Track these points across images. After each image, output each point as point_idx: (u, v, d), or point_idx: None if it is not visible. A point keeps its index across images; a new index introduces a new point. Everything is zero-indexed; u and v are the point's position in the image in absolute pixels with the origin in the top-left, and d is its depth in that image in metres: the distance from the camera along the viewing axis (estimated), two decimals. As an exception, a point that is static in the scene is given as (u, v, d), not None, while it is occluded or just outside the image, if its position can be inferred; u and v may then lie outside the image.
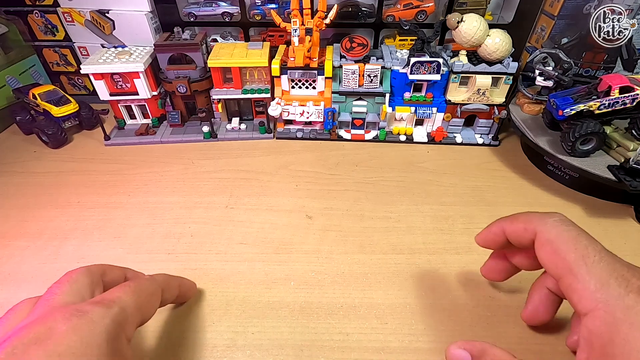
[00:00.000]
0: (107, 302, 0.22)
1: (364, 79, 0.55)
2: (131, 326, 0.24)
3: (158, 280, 0.29)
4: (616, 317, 0.20)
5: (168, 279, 0.31)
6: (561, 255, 0.24)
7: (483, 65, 0.52)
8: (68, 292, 0.23)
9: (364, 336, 0.32)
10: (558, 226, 0.25)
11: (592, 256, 0.23)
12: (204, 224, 0.44)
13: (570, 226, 0.25)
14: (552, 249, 0.24)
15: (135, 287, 0.25)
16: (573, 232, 0.25)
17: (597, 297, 0.21)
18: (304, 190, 0.49)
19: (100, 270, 0.26)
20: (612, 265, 0.22)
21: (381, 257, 0.40)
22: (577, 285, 0.22)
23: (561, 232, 0.25)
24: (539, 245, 0.26)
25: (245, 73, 0.58)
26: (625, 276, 0.22)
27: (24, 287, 0.37)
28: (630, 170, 0.41)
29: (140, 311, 0.25)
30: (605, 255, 0.23)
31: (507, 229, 0.29)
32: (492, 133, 0.58)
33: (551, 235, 0.25)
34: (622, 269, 0.22)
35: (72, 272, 0.25)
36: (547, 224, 0.26)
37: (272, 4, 0.61)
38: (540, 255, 0.25)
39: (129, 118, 0.63)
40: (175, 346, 0.32)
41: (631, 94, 0.42)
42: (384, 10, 0.60)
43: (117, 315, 0.22)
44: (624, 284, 0.21)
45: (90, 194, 0.49)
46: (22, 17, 0.62)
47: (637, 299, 0.20)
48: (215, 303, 0.35)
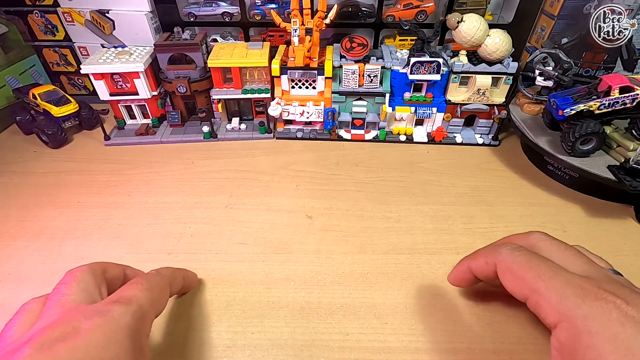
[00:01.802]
0: (126, 300, 0.23)
1: (364, 79, 0.55)
2: (149, 322, 0.25)
3: (166, 275, 0.29)
4: (577, 327, 0.21)
5: (173, 271, 0.32)
6: (520, 279, 0.25)
7: (483, 65, 0.52)
8: (76, 292, 0.23)
9: (364, 336, 0.32)
10: (511, 253, 0.27)
11: (546, 273, 0.24)
12: (204, 224, 0.44)
13: (522, 251, 0.27)
14: (512, 275, 0.26)
15: (148, 283, 0.26)
16: (525, 256, 0.26)
17: (560, 309, 0.22)
18: (304, 190, 0.49)
19: (101, 267, 0.27)
20: (567, 278, 0.23)
21: (381, 257, 0.40)
22: (541, 302, 0.24)
23: (515, 257, 0.26)
24: (500, 274, 0.27)
25: (245, 73, 0.58)
26: (581, 285, 0.22)
27: (24, 287, 0.37)
28: (630, 170, 0.41)
29: (154, 306, 0.26)
30: (558, 270, 0.24)
31: (471, 266, 0.30)
32: (492, 133, 0.58)
33: (508, 263, 0.26)
34: (575, 279, 0.23)
35: (75, 271, 0.25)
36: (501, 254, 0.27)
37: (272, 4, 0.61)
38: (505, 283, 0.27)
39: (129, 118, 0.63)
40: (175, 346, 0.32)
41: (631, 94, 0.42)
42: (384, 10, 0.60)
43: (136, 313, 0.23)
44: (580, 293, 0.22)
45: (90, 194, 0.49)
46: (22, 17, 0.62)
47: (592, 305, 0.21)
48: (215, 303, 0.35)
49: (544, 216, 0.45)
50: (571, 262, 0.25)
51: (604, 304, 0.21)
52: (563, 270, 0.24)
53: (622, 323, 0.20)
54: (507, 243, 0.28)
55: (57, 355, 0.19)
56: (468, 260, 0.31)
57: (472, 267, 0.30)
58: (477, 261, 0.30)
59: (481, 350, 0.31)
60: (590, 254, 0.28)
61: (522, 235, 0.30)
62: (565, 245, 0.27)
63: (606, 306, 0.21)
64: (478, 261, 0.29)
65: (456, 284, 0.33)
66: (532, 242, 0.28)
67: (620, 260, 0.39)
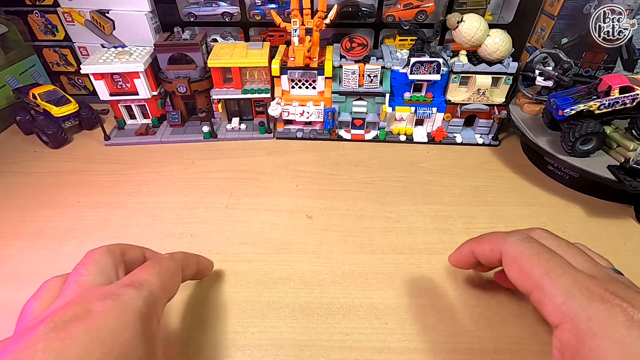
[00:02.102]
0: (138, 285, 0.23)
1: (364, 79, 0.55)
2: (160, 307, 0.25)
3: (178, 259, 0.29)
4: (581, 329, 0.21)
5: (187, 256, 0.31)
6: (527, 273, 0.25)
7: (483, 65, 0.52)
8: (94, 272, 0.24)
9: (364, 336, 0.32)
10: (520, 244, 0.26)
11: (554, 270, 0.23)
12: (204, 224, 0.44)
13: (532, 243, 0.26)
14: (518, 267, 0.25)
15: (159, 268, 0.26)
16: (535, 248, 0.25)
17: (564, 310, 0.22)
18: (304, 190, 0.49)
19: (120, 249, 0.27)
20: (575, 277, 0.23)
21: (381, 257, 0.40)
22: (545, 300, 0.23)
23: (523, 249, 0.26)
24: (506, 264, 0.27)
25: (245, 73, 0.58)
26: (588, 286, 0.22)
27: (24, 287, 0.37)
28: (630, 170, 0.41)
29: (166, 291, 0.26)
30: (567, 268, 0.24)
31: (475, 250, 0.30)
32: (492, 133, 0.58)
33: (515, 254, 0.26)
34: (584, 280, 0.23)
35: (93, 252, 0.26)
36: (509, 244, 0.26)
37: (272, 4, 0.61)
38: (509, 274, 0.26)
39: (129, 118, 0.63)
40: (175, 346, 0.32)
41: (631, 94, 0.42)
42: (384, 10, 0.60)
43: (148, 297, 0.23)
44: (587, 294, 0.22)
45: (90, 194, 0.49)
46: (22, 17, 0.62)
47: (598, 308, 0.21)
48: (215, 303, 0.35)
49: (544, 216, 0.45)
50: (574, 260, 0.25)
51: (610, 307, 0.21)
52: (572, 268, 0.23)
53: (627, 327, 0.20)
54: (517, 231, 0.27)
55: (69, 335, 0.19)
56: (472, 243, 0.30)
57: (476, 251, 0.29)
58: (481, 246, 0.29)
59: (481, 350, 0.31)
60: (591, 252, 0.28)
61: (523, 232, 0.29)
62: (567, 242, 0.27)
63: (612, 309, 0.21)
64: (483, 246, 0.29)
65: (456, 266, 0.33)
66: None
67: (620, 260, 0.39)
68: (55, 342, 0.19)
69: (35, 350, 0.18)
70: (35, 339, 0.19)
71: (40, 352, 0.18)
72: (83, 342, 0.19)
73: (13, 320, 0.34)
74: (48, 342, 0.19)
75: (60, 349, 0.19)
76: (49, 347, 0.18)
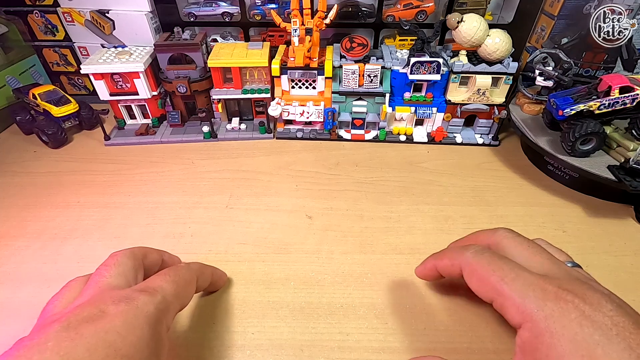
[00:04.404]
0: (152, 291, 0.24)
1: (364, 79, 0.55)
2: (171, 314, 0.25)
3: (194, 269, 0.30)
4: (539, 328, 0.21)
5: (202, 267, 0.32)
6: (485, 282, 0.25)
7: (483, 65, 0.52)
8: (114, 275, 0.25)
9: (364, 336, 0.32)
10: (475, 256, 0.27)
11: (508, 275, 0.24)
12: (204, 224, 0.44)
13: (485, 253, 0.27)
14: (477, 279, 0.26)
15: (174, 276, 0.27)
16: (487, 257, 0.26)
17: (522, 311, 0.23)
18: (304, 190, 0.49)
19: (142, 253, 0.28)
20: (528, 279, 0.24)
21: (381, 257, 0.40)
22: (506, 304, 0.24)
23: (478, 260, 0.26)
24: (466, 277, 0.27)
25: (245, 73, 0.58)
26: (542, 286, 0.23)
27: (24, 287, 0.37)
28: (630, 170, 0.41)
29: (179, 299, 0.26)
30: (520, 271, 0.24)
31: (437, 265, 0.31)
32: (492, 133, 0.58)
33: (472, 267, 0.27)
34: (537, 280, 0.23)
35: (117, 254, 0.26)
36: (465, 258, 0.27)
37: (272, 4, 0.61)
38: (472, 287, 0.27)
39: (129, 118, 0.63)
40: (175, 346, 0.32)
41: (631, 94, 0.42)
42: (384, 10, 0.60)
43: (160, 304, 0.24)
44: (541, 294, 0.22)
45: (90, 194, 0.49)
46: (22, 17, 0.62)
47: (553, 306, 0.21)
48: (215, 303, 0.35)
49: (544, 216, 0.45)
50: (533, 259, 0.26)
51: (564, 304, 0.21)
52: (525, 271, 0.24)
53: (580, 323, 0.20)
54: (472, 245, 0.28)
55: (80, 335, 0.20)
56: (435, 258, 0.31)
57: (438, 266, 0.31)
58: (443, 262, 0.30)
59: (481, 350, 0.31)
60: (550, 247, 0.29)
61: (488, 232, 0.30)
62: (528, 241, 0.28)
63: (565, 306, 0.21)
64: (444, 262, 0.30)
65: (422, 278, 0.34)
66: (497, 240, 0.29)
67: (620, 260, 0.39)
68: (65, 342, 0.19)
69: (45, 348, 0.19)
70: (47, 336, 0.19)
71: (49, 350, 0.19)
72: (90, 343, 0.19)
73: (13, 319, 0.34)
74: (58, 341, 0.19)
75: (67, 349, 0.19)
76: (58, 345, 0.19)
